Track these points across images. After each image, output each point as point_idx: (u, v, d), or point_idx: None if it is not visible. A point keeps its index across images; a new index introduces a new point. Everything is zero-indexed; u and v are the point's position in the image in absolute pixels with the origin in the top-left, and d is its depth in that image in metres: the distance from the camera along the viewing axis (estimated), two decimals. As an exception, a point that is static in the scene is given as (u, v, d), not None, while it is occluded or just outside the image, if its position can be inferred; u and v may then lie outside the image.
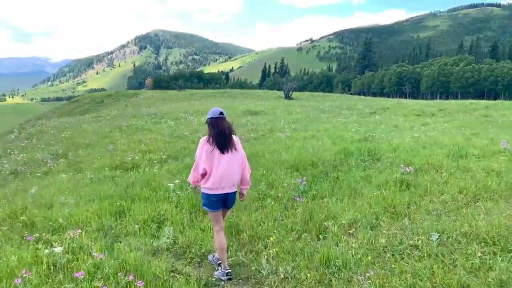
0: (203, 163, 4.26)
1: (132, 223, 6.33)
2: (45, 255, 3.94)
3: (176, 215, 6.25)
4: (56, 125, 26.06)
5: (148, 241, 5.48)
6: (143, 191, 8.10)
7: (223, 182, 4.27)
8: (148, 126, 19.12)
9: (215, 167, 4.22)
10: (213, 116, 4.31)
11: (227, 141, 4.25)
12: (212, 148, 4.21)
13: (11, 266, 4.21)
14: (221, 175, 4.23)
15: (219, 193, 4.29)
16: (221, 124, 4.27)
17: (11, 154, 17.41)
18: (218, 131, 4.22)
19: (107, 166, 11.63)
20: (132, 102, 47.53)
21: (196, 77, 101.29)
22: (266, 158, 10.00)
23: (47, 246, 4.38)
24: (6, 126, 46.11)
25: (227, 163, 4.25)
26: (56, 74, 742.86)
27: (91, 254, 3.79)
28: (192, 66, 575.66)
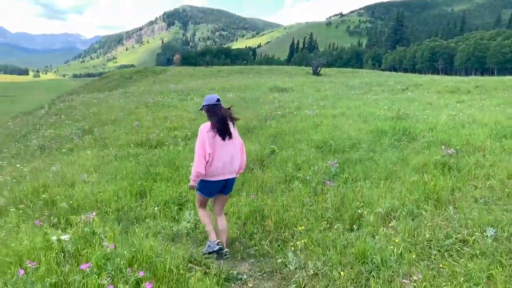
0: (208, 149, 4.13)
1: (152, 204, 6.04)
2: (56, 242, 3.64)
3: (197, 197, 5.92)
4: (84, 101, 26.16)
5: (168, 224, 5.17)
6: (166, 170, 7.80)
7: (224, 169, 4.23)
8: (174, 103, 18.85)
9: (217, 154, 4.15)
10: (210, 103, 4.25)
11: (226, 128, 4.19)
12: (214, 135, 4.13)
13: (22, 251, 3.97)
14: (224, 162, 4.20)
15: (219, 179, 4.25)
16: (219, 111, 4.20)
17: (40, 129, 17.54)
18: (219, 118, 4.16)
19: (132, 143, 11.43)
20: (160, 78, 47.48)
21: (223, 53, 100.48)
22: (293, 137, 9.51)
23: (55, 233, 4.08)
24: (39, 102, 47.08)
25: (228, 150, 4.22)
26: (87, 50, 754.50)
27: (101, 243, 3.45)
28: (219, 42, 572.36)
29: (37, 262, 3.28)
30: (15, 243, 4.26)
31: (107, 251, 3.23)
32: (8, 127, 23.57)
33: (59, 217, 6.46)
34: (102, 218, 5.93)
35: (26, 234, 4.39)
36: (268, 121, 12.44)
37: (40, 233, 4.21)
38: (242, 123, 12.14)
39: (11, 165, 11.85)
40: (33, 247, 3.98)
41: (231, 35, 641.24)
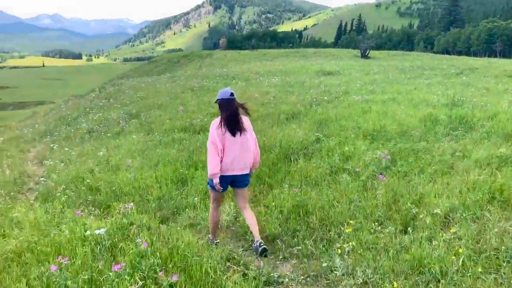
0: (219, 145, 4.05)
1: (193, 193, 5.90)
2: (92, 235, 3.53)
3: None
4: (133, 85, 26.66)
5: (208, 216, 4.98)
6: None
7: (234, 165, 4.13)
8: (219, 87, 18.69)
9: (226, 150, 4.08)
10: (223, 97, 4.16)
11: (237, 124, 4.10)
12: (224, 131, 4.05)
13: (61, 241, 3.91)
14: (233, 158, 4.11)
15: (228, 175, 4.14)
16: (230, 106, 4.11)
17: (90, 113, 18.02)
18: (227, 114, 4.07)
19: (176, 127, 11.41)
20: (206, 62, 47.68)
21: (269, 36, 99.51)
22: (340, 124, 9.07)
23: (93, 223, 3.98)
24: (91, 85, 48.71)
25: (239, 146, 4.13)
26: (137, 35, 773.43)
27: (135, 240, 3.30)
28: (265, 25, 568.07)
29: (71, 257, 3.17)
30: (55, 233, 4.23)
31: (142, 249, 3.07)
32: (61, 110, 24.46)
33: (102, 203, 6.50)
34: (143, 206, 5.87)
35: (66, 223, 4.35)
36: (314, 107, 12.01)
37: (79, 223, 4.15)
38: (286, 108, 11.81)
39: (61, 148, 12.20)
40: (71, 238, 3.92)
41: (277, 18, 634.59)
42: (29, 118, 32.01)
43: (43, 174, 9.86)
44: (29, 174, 10.27)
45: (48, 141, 14.49)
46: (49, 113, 26.93)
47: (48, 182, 8.45)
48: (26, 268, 3.72)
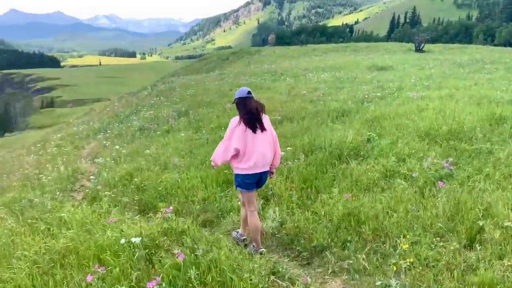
0: (235, 144, 4.06)
1: (238, 195, 5.70)
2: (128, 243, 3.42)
3: (285, 190, 5.42)
4: (183, 82, 27.05)
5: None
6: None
7: (258, 162, 4.14)
8: (267, 84, 18.52)
9: (249, 148, 4.10)
10: (241, 96, 4.20)
11: (256, 121, 4.13)
12: (245, 128, 4.07)
13: (102, 244, 3.85)
14: (257, 155, 4.12)
15: (255, 172, 4.14)
16: (248, 104, 4.14)
17: (141, 110, 18.38)
18: (246, 111, 4.10)
19: (223, 125, 11.31)
20: (255, 59, 47.67)
21: (318, 31, 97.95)
22: (394, 122, 8.56)
23: (134, 227, 3.88)
24: (144, 83, 50.15)
25: (261, 143, 4.15)
26: (188, 33, 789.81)
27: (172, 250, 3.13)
28: (315, 20, 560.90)
29: (108, 265, 3.07)
30: (97, 236, 4.18)
31: (178, 261, 2.90)
32: (114, 107, 25.23)
33: (147, 203, 6.48)
34: (188, 208, 5.76)
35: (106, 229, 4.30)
36: (365, 104, 11.51)
37: (115, 229, 4.07)
38: (336, 106, 11.39)
39: (113, 145, 12.47)
40: (110, 244, 3.85)
41: (327, 12, 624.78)
42: (85, 115, 33.42)
43: (94, 171, 10.09)
44: (81, 171, 10.55)
45: (101, 138, 14.91)
46: (104, 110, 27.88)
47: (98, 180, 8.60)
48: (68, 272, 3.70)
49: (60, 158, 12.56)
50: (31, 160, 15.38)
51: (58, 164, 11.54)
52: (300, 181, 5.68)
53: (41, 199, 7.48)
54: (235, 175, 4.27)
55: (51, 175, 10.31)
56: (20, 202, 7.59)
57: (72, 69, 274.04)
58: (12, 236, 4.95)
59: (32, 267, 4.13)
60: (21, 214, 6.46)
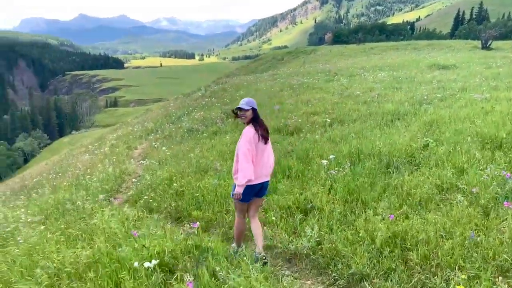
0: (252, 155, 4.04)
1: (275, 207, 5.26)
2: (142, 268, 3.11)
3: (327, 203, 4.91)
4: (235, 83, 27.02)
5: (287, 238, 4.33)
6: (297, 164, 6.97)
7: (262, 172, 4.20)
8: (319, 84, 17.91)
9: (258, 158, 4.12)
10: (255, 107, 4.21)
11: (267, 132, 4.27)
12: (258, 139, 4.10)
13: (126, 257, 3.59)
14: (263, 165, 4.18)
15: (258, 182, 4.17)
16: (258, 115, 4.25)
17: (193, 111, 18.43)
18: (262, 122, 4.21)
19: (270, 128, 10.90)
20: (310, 58, 46.96)
21: (377, 29, 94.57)
22: (455, 127, 7.74)
23: (150, 249, 3.57)
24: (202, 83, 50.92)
25: (267, 153, 4.25)
26: (245, 34, 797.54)
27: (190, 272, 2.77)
28: (374, 18, 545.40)
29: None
30: (118, 251, 3.94)
31: None
32: (169, 108, 25.65)
33: (183, 210, 6.22)
34: (221, 218, 5.42)
35: (129, 241, 4.04)
36: (424, 106, 10.65)
37: (139, 243, 3.78)
38: (391, 108, 10.65)
39: (163, 146, 12.48)
40: (131, 257, 3.58)
41: (387, 9, 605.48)
42: (142, 115, 34.40)
43: (141, 173, 10.07)
44: (129, 172, 10.58)
45: (152, 138, 15.06)
46: (159, 110, 28.48)
47: (141, 183, 8.51)
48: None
49: (111, 158, 12.77)
50: (85, 159, 15.86)
51: (108, 164, 11.71)
52: (344, 193, 5.14)
53: (83, 201, 7.48)
54: (235, 185, 4.18)
55: (100, 175, 10.44)
56: (64, 204, 7.65)
57: (135, 70, 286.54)
58: (41, 243, 4.86)
59: (54, 278, 3.97)
60: (60, 218, 6.46)
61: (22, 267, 4.20)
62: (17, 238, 5.51)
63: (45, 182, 13.02)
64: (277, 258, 4.13)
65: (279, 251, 4.21)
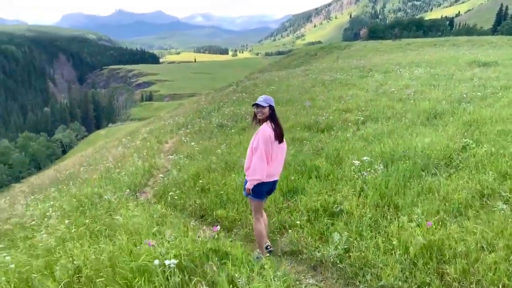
0: (268, 154, 3.98)
1: (301, 209, 5.01)
2: (158, 267, 2.96)
3: (357, 207, 4.63)
4: (267, 79, 26.81)
5: (313, 243, 4.09)
6: (327, 163, 6.69)
7: (276, 170, 4.17)
8: (353, 81, 17.44)
9: (273, 157, 4.07)
10: (273, 104, 4.12)
11: (282, 132, 4.14)
12: (274, 138, 4.02)
13: (135, 260, 3.46)
14: (277, 163, 4.15)
15: (271, 180, 4.16)
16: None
17: (223, 107, 18.35)
18: (278, 121, 4.14)
19: (300, 125, 10.66)
20: (344, 54, 46.12)
21: (414, 24, 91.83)
22: (496, 127, 7.26)
23: (168, 251, 3.41)
24: (235, 79, 50.99)
25: (282, 151, 4.19)
26: (278, 29, 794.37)
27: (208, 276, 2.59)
28: (411, 13, 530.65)
29: None
30: (137, 249, 3.82)
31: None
32: (200, 103, 25.72)
33: (207, 209, 6.08)
34: (245, 219, 5.23)
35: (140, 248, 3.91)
36: (463, 105, 10.11)
37: (157, 249, 3.64)
38: (428, 106, 10.18)
39: (192, 141, 12.43)
40: (149, 260, 3.44)
41: (425, 4, 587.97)
42: (175, 109, 34.74)
43: (168, 168, 10.03)
44: (158, 166, 10.56)
45: (182, 133, 15.06)
46: (192, 105, 28.63)
47: (167, 178, 8.44)
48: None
49: (142, 152, 12.82)
50: (117, 152, 16.05)
51: (137, 158, 11.75)
52: (376, 197, 4.84)
53: (111, 195, 7.47)
54: (246, 181, 4.17)
55: (129, 169, 10.47)
56: (91, 198, 7.67)
57: (170, 65, 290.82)
58: (65, 239, 4.82)
59: (73, 277, 3.90)
60: (86, 211, 6.45)
61: (43, 263, 4.15)
62: (41, 231, 5.51)
63: (77, 175, 13.24)
64: (301, 264, 3.90)
65: (304, 257, 3.98)
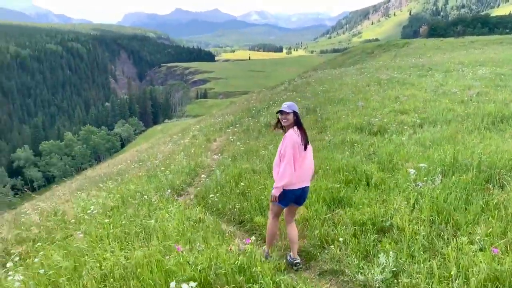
0: (295, 158, 3.96)
1: (347, 221, 4.55)
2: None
3: (409, 223, 4.11)
4: (319, 77, 26.18)
5: (356, 262, 3.64)
6: (378, 170, 6.16)
7: (303, 177, 4.10)
8: (411, 80, 16.49)
9: (299, 162, 4.03)
10: (297, 110, 4.15)
11: (307, 137, 4.15)
12: (300, 143, 4.01)
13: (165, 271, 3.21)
14: (304, 170, 4.08)
15: (299, 187, 4.09)
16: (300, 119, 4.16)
17: (272, 106, 18.03)
18: (303, 127, 4.17)
19: (351, 126, 10.11)
20: (402, 52, 44.36)
21: (479, 21, 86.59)
22: None
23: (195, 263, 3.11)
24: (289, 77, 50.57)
25: (307, 158, 4.12)
26: (334, 27, 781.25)
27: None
28: (476, 9, 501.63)
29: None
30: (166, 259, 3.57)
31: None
32: (251, 101, 25.56)
33: (245, 214, 5.77)
34: (284, 230, 4.85)
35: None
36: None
37: (184, 260, 3.36)
38: (493, 109, 9.30)
39: (239, 140, 12.22)
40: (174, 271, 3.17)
41: (491, 0, 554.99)
42: (227, 107, 34.88)
43: (213, 168, 9.85)
44: (204, 165, 10.42)
45: (230, 132, 14.90)
46: (242, 103, 28.57)
47: (211, 178, 8.24)
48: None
49: (189, 150, 12.78)
50: (166, 149, 16.20)
51: (185, 155, 11.70)
52: (432, 212, 4.28)
53: (153, 194, 7.36)
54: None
55: (176, 167, 10.41)
56: (134, 196, 7.61)
57: (225, 63, 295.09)
58: (99, 240, 4.70)
59: (100, 283, 3.73)
60: (124, 212, 6.34)
61: (72, 266, 4.02)
62: (79, 230, 5.45)
63: (126, 170, 13.44)
64: (341, 287, 3.47)
65: (345, 279, 3.54)
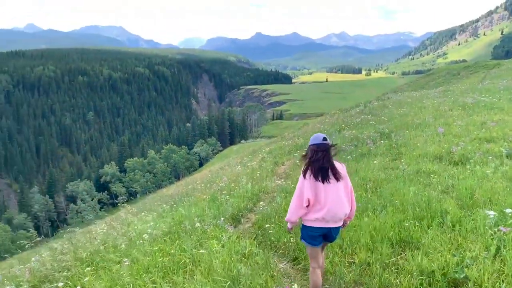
0: (307, 194, 3.67)
1: (413, 268, 3.85)
2: None
3: (490, 277, 3.34)
4: (398, 99, 24.91)
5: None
6: (456, 207, 5.33)
7: (328, 216, 3.70)
8: (500, 104, 14.90)
9: (320, 199, 3.68)
10: (315, 142, 3.78)
11: (327, 171, 3.66)
12: (314, 179, 3.66)
13: None
14: (328, 208, 3.68)
15: (322, 226, 3.74)
16: (321, 152, 3.68)
17: (344, 129, 17.29)
18: (315, 159, 3.69)
19: (428, 155, 9.16)
20: (492, 73, 41.12)
21: None
22: None
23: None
24: (367, 99, 49.11)
25: (333, 195, 3.69)
26: (417, 47, 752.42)
27: None
28: None
29: None
30: None
31: None
32: (323, 123, 24.90)
33: (301, 250, 5.23)
34: (340, 272, 4.26)
35: None
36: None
37: None
38: None
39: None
40: None
41: None
42: (299, 129, 34.47)
43: (274, 195, 9.44)
44: (267, 190, 10.08)
45: (298, 155, 14.44)
46: (315, 125, 27.97)
47: (271, 206, 7.82)
48: None
49: (255, 173, 12.52)
50: (235, 172, 16.08)
51: (250, 179, 11.44)
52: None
53: (207, 222, 7.08)
54: (302, 226, 3.90)
55: (239, 191, 10.16)
56: (192, 221, 7.39)
57: (301, 85, 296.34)
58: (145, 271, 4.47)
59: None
60: (177, 239, 6.11)
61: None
62: (128, 257, 5.29)
63: (192, 193, 13.46)
64: None
65: None
